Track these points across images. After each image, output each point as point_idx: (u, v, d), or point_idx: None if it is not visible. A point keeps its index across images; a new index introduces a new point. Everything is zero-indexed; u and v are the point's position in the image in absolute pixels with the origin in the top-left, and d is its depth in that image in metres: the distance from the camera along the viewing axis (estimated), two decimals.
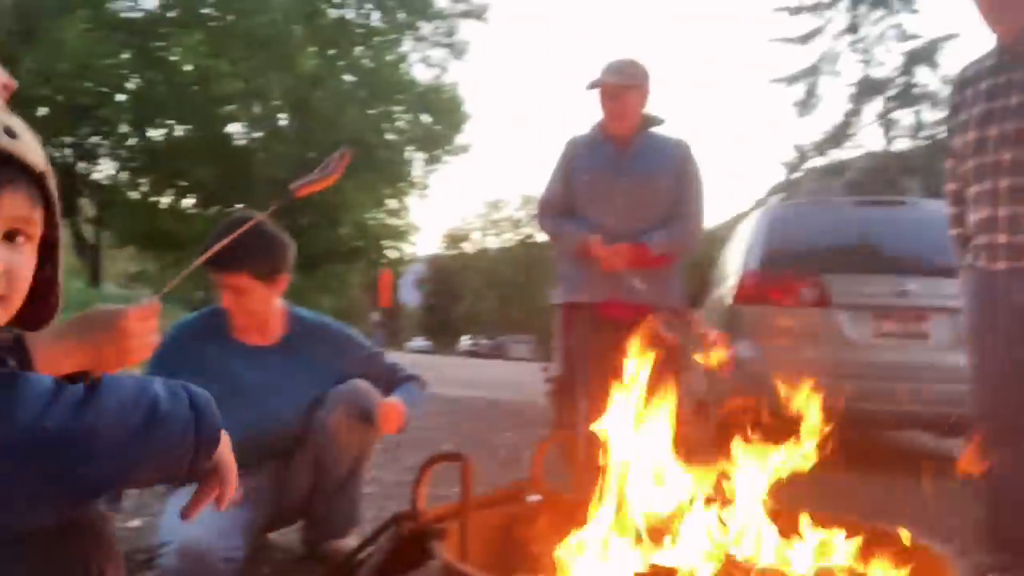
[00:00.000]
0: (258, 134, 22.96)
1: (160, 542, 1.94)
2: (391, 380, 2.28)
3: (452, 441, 4.97)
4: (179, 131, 22.69)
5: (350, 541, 2.25)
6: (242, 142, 23.40)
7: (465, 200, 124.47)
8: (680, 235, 2.91)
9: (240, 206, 23.06)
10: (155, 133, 22.47)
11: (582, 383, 3.02)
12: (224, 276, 2.12)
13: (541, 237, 53.68)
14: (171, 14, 21.15)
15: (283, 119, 23.84)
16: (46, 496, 0.64)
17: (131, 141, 22.30)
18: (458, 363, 24.47)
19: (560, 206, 3.03)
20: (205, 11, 20.89)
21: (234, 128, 23.80)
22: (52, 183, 0.84)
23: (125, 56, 20.58)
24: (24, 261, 0.81)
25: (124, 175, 23.28)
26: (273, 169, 21.86)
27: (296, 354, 2.23)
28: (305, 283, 25.39)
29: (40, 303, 0.86)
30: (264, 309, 2.20)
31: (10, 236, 0.80)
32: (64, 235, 0.90)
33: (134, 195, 23.19)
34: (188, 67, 21.88)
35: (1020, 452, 2.28)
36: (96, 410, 0.66)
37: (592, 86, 2.90)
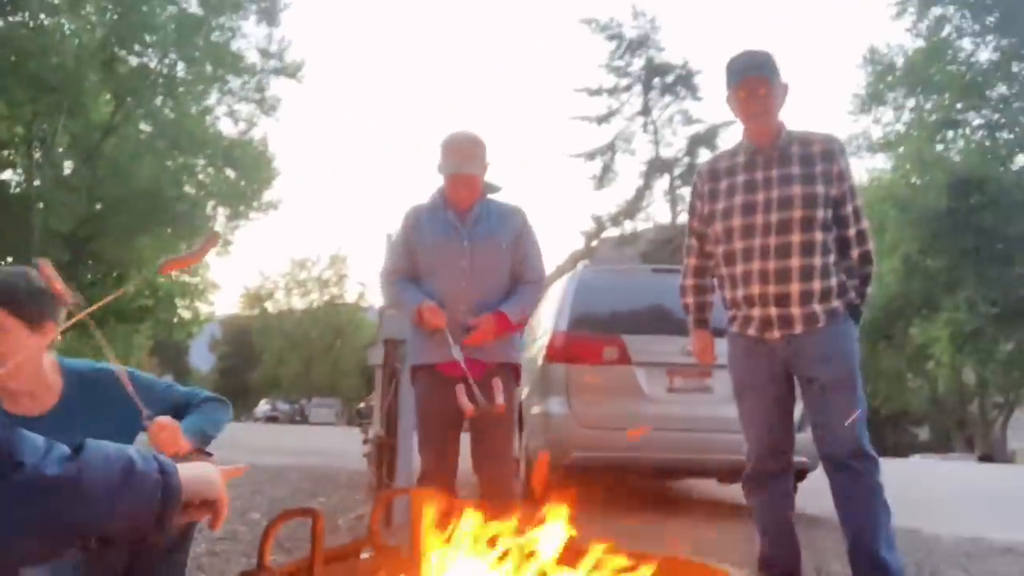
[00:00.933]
0: (38, 182, 20.97)
1: None
2: (189, 410, 2.12)
3: (259, 509, 4.77)
4: None
5: None
6: (18, 191, 21.28)
7: (270, 258, 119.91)
8: (532, 299, 3.10)
9: (9, 260, 20.83)
10: None
11: (425, 440, 3.04)
12: None
13: (349, 297, 52.70)
14: None
15: (69, 167, 22.04)
16: (41, 534, 0.69)
17: None
18: (256, 429, 23.21)
19: (403, 273, 3.10)
20: None
21: (7, 175, 21.66)
22: None
23: None
24: None
25: None
26: (53, 220, 20.06)
27: (76, 419, 1.99)
28: (84, 344, 23.22)
29: None
30: (28, 361, 1.94)
31: None
32: None
33: None
34: None
35: (778, 491, 2.69)
36: (82, 464, 0.73)
37: (440, 171, 3.04)
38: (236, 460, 2.26)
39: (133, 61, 22.29)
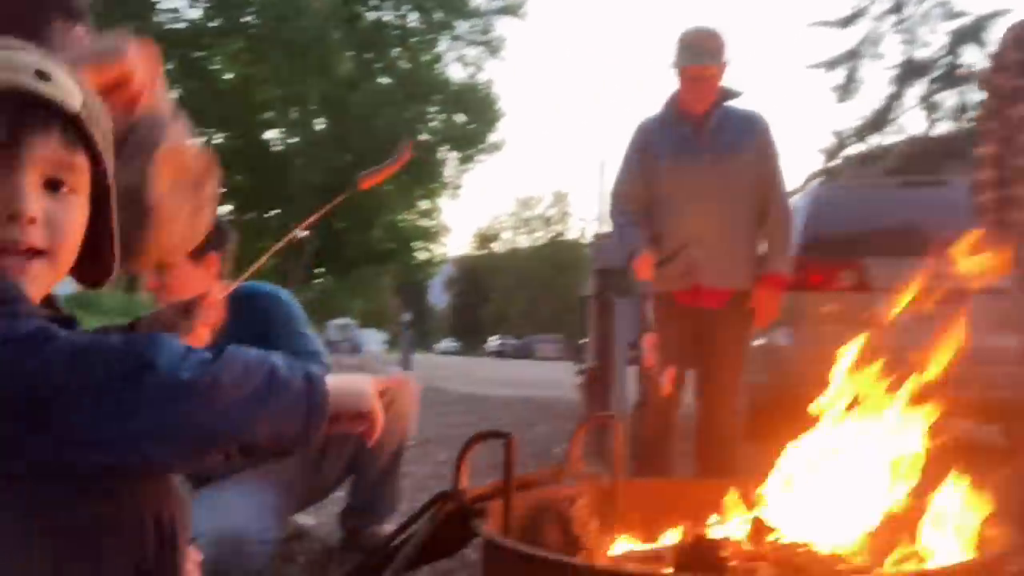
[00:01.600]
0: (294, 139, 23.24)
1: (194, 534, 1.96)
2: None
3: None
4: (218, 139, 23.10)
5: (389, 527, 2.28)
6: (279, 148, 23.74)
7: (496, 199, 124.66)
8: (790, 238, 2.85)
9: (276, 212, 23.44)
10: (195, 142, 22.84)
11: (660, 370, 2.83)
12: None
13: (572, 234, 53.48)
14: (213, 24, 21.50)
15: (320, 124, 24.12)
16: (173, 440, 0.69)
17: None
18: (485, 363, 24.42)
19: (632, 198, 2.83)
20: (246, 19, 21.19)
21: (271, 135, 24.18)
22: (96, 128, 0.80)
23: (168, 67, 20.94)
24: (70, 213, 0.78)
25: None
26: (308, 173, 22.13)
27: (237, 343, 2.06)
28: (338, 287, 25.79)
29: (95, 260, 0.85)
30: (193, 293, 2.06)
31: (53, 186, 0.77)
32: None
33: None
34: (228, 75, 22.29)
35: None
36: (220, 369, 0.71)
37: (674, 67, 2.75)
38: (469, 390, 2.31)
39: (371, 16, 23.68)
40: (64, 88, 0.77)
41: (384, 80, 24.43)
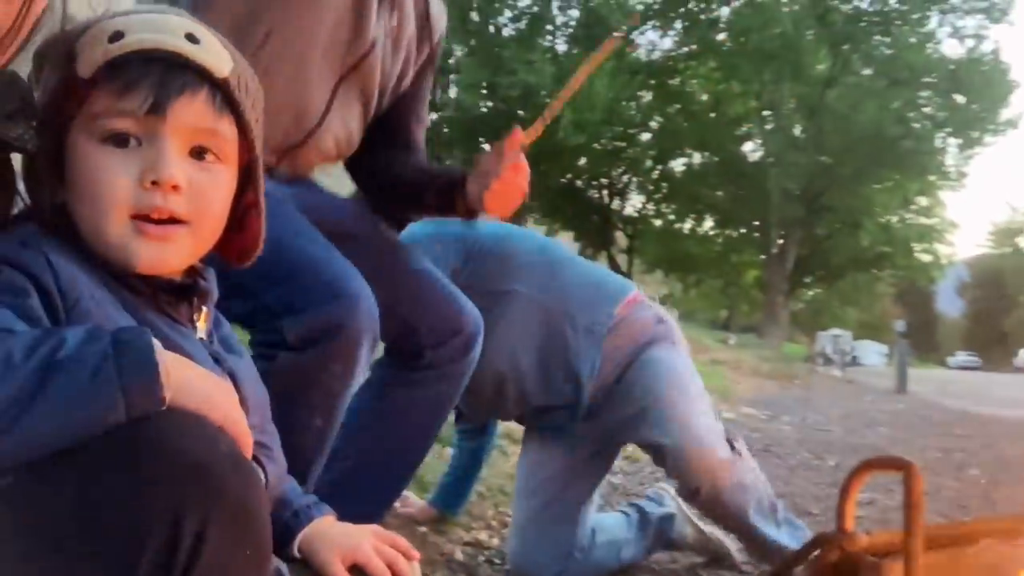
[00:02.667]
0: (769, 149, 22.86)
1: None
2: None
3: (978, 466, 4.21)
4: (696, 158, 23.92)
5: None
6: (754, 159, 23.58)
7: (1018, 187, 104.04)
8: None
9: (755, 223, 23.25)
10: (675, 164, 24.16)
11: None
12: None
13: None
14: (685, 49, 22.46)
15: (796, 129, 23.31)
16: None
17: (655, 174, 24.29)
18: (1012, 380, 20.47)
19: None
20: (717, 37, 21.67)
21: (747, 147, 24.16)
22: (245, 96, 0.75)
23: (646, 98, 22.51)
24: (214, 182, 0.74)
25: (650, 206, 25.48)
26: (788, 180, 21.47)
27: None
28: (827, 295, 24.35)
29: (241, 232, 0.80)
30: None
31: (198, 154, 0.73)
32: None
33: (658, 223, 25.18)
34: (703, 96, 22.96)
35: None
36: None
37: None
38: (979, 410, 1.83)
39: (845, 8, 22.16)
40: (213, 52, 0.73)
41: (865, 72, 22.53)
